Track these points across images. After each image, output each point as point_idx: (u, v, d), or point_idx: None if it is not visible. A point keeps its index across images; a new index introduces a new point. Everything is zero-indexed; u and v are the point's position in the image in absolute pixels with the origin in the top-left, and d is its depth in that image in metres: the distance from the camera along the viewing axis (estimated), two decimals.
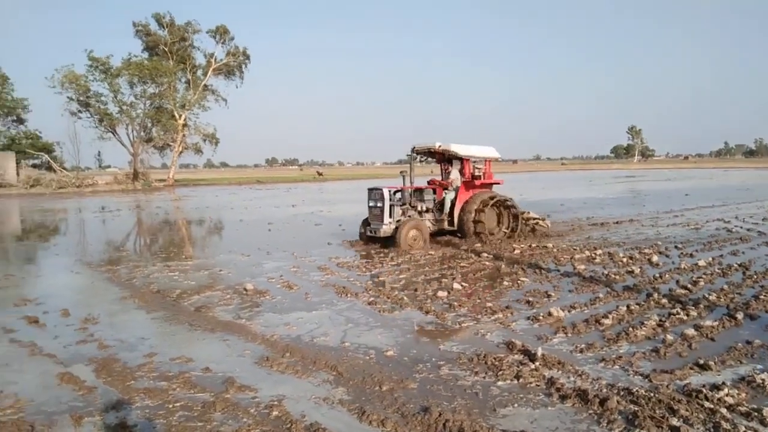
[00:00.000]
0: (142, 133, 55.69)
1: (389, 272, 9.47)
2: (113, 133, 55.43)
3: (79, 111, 53.38)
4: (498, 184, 13.87)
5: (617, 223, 16.14)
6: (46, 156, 56.12)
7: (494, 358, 5.06)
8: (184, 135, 55.63)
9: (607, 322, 6.13)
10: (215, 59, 56.06)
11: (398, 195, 12.56)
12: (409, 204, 12.52)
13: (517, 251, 11.19)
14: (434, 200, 13.10)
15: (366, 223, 12.77)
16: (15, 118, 55.18)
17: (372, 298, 7.60)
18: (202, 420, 4.02)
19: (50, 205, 31.92)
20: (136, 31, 54.49)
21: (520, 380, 4.60)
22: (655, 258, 9.94)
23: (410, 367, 5.01)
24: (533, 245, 11.90)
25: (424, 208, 12.76)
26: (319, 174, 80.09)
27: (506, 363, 4.95)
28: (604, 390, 4.36)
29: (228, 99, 58.31)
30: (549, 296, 7.42)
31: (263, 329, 6.32)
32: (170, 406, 4.28)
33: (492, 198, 12.80)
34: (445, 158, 13.74)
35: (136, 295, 8.30)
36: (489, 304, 6.99)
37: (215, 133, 57.72)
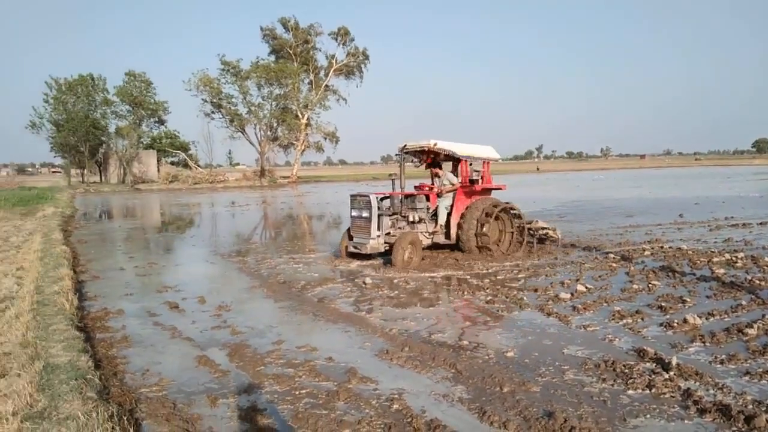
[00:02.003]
0: (269, 133, 58.94)
1: (507, 271, 9.28)
2: (242, 133, 59.17)
3: (212, 112, 57.59)
4: (500, 189, 11.81)
5: (761, 224, 14.69)
6: (183, 154, 60.98)
7: (624, 366, 4.79)
8: (306, 134, 58.03)
9: (752, 332, 5.59)
10: (336, 60, 57.84)
11: (386, 202, 10.65)
12: (400, 213, 10.57)
13: (647, 252, 10.53)
14: (427, 208, 11.05)
15: (349, 235, 10.71)
16: (157, 120, 60.34)
17: (490, 297, 7.48)
18: (327, 408, 4.16)
19: (186, 199, 34.64)
20: (264, 35, 57.64)
21: (653, 390, 4.32)
22: None
23: (532, 369, 4.87)
24: (664, 246, 11.13)
25: (417, 218, 10.71)
26: None
27: (637, 371, 4.67)
28: (750, 406, 3.99)
29: (348, 98, 60.08)
30: (684, 302, 6.89)
31: (382, 322, 6.44)
32: (297, 392, 4.47)
33: (495, 206, 10.89)
34: (434, 161, 11.74)
35: (264, 284, 8.78)
36: (617, 308, 6.61)
37: (335, 132, 59.70)
